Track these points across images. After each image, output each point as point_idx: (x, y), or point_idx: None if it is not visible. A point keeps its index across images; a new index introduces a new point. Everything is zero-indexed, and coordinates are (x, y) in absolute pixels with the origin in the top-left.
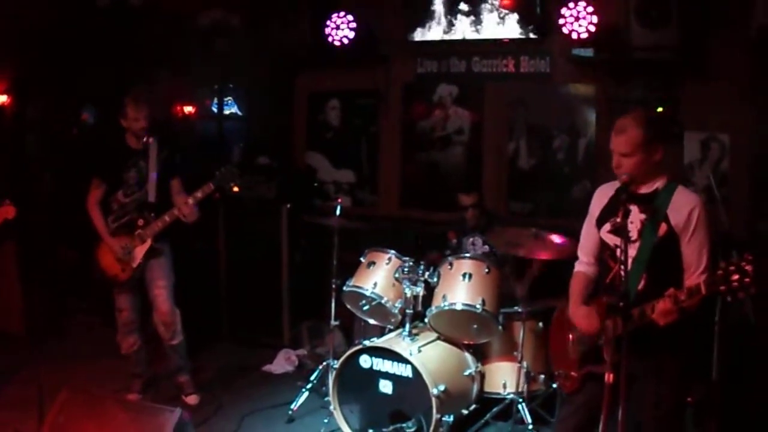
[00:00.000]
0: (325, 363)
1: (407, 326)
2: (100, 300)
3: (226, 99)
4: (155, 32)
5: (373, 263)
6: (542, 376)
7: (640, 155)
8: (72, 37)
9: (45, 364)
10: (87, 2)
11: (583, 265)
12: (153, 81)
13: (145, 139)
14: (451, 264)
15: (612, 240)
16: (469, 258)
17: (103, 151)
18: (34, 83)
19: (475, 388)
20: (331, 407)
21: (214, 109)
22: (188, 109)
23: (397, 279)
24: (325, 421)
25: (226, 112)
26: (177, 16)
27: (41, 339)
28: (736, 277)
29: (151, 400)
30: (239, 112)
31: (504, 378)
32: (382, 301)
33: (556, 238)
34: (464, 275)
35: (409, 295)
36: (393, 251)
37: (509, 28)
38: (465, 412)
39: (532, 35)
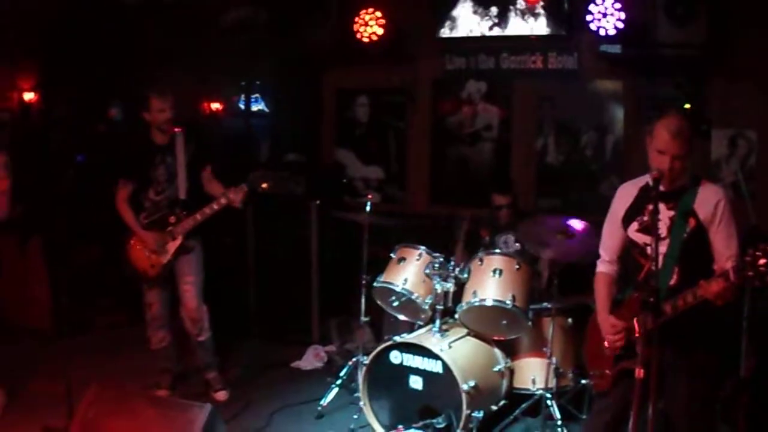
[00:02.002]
0: (354, 359)
1: (437, 322)
2: (127, 297)
3: (253, 96)
4: (183, 29)
5: (404, 259)
6: (571, 373)
7: (689, 154)
8: (99, 34)
9: (73, 360)
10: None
11: (606, 264)
12: (180, 77)
13: (173, 130)
14: (481, 260)
15: (641, 238)
16: (500, 254)
17: (128, 150)
18: (60, 80)
19: (505, 383)
20: (361, 403)
21: (242, 106)
22: (215, 106)
23: (427, 275)
24: (355, 416)
25: (254, 109)
26: (204, 12)
27: (69, 336)
28: (763, 261)
29: (180, 396)
30: (266, 109)
31: (533, 374)
32: (413, 297)
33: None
34: (495, 271)
35: (439, 291)
36: (423, 247)
37: (537, 25)
38: (494, 407)
39: (560, 31)
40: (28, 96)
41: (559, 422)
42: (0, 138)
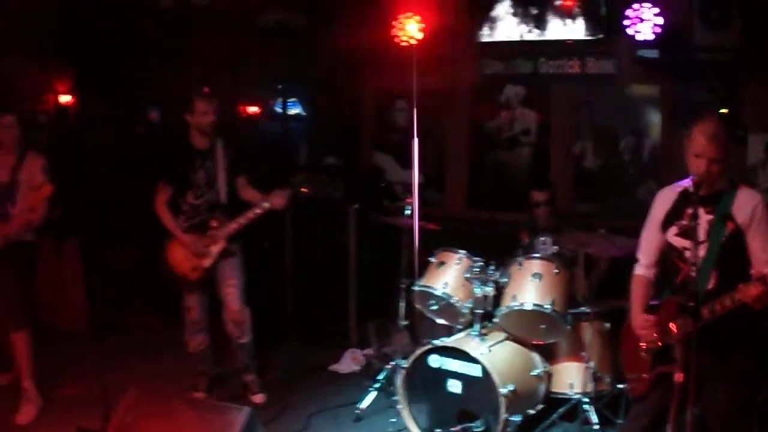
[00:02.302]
0: (392, 362)
1: (477, 326)
2: (161, 300)
3: (290, 99)
4: (219, 32)
5: (443, 263)
6: (608, 377)
7: (726, 158)
8: (135, 36)
9: (108, 363)
10: (151, 2)
11: (643, 268)
12: (217, 81)
13: (214, 134)
14: (521, 264)
15: (680, 243)
16: (539, 258)
17: (168, 153)
18: (96, 82)
19: (543, 388)
20: (399, 406)
21: (278, 110)
22: (253, 109)
23: (467, 279)
24: (393, 420)
25: (291, 112)
26: (241, 16)
27: (105, 338)
28: None
29: (217, 398)
30: (303, 113)
31: (571, 378)
32: (452, 301)
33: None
34: (534, 275)
35: (479, 294)
36: (464, 251)
37: (575, 29)
38: (532, 412)
39: (597, 36)
40: (65, 98)
41: (597, 427)
42: (37, 141)
